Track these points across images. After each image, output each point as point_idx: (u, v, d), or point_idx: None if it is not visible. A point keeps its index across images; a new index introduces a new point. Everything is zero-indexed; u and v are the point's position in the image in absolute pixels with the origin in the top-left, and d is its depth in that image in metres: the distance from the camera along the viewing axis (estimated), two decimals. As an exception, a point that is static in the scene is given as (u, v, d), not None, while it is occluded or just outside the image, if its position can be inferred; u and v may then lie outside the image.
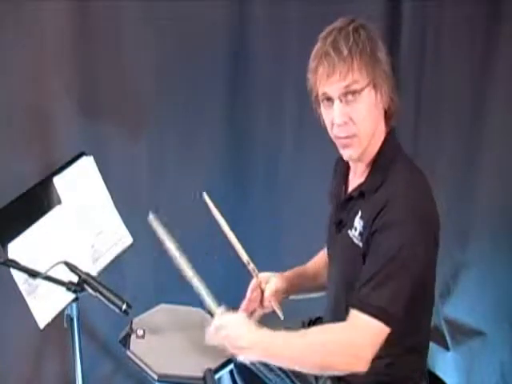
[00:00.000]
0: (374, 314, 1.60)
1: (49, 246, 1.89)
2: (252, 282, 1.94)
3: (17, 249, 1.79)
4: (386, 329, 1.61)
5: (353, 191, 1.79)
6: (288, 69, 2.59)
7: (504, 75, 2.60)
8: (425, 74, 2.66)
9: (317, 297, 2.07)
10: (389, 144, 1.75)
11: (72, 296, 1.84)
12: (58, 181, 1.98)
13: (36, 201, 1.93)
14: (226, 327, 1.69)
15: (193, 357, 1.79)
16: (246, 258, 1.96)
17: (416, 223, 1.63)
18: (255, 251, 2.01)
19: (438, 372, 2.01)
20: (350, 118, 1.68)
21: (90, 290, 1.78)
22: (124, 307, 1.75)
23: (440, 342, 2.78)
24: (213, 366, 1.75)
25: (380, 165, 1.74)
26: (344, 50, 1.63)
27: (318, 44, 1.70)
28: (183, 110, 2.65)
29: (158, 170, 2.69)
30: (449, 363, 2.79)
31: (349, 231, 1.75)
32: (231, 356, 1.74)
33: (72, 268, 1.79)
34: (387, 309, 1.60)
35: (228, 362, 1.80)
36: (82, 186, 2.06)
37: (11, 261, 1.75)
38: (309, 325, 2.03)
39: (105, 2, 2.51)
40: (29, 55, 2.47)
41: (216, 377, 1.74)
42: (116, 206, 2.15)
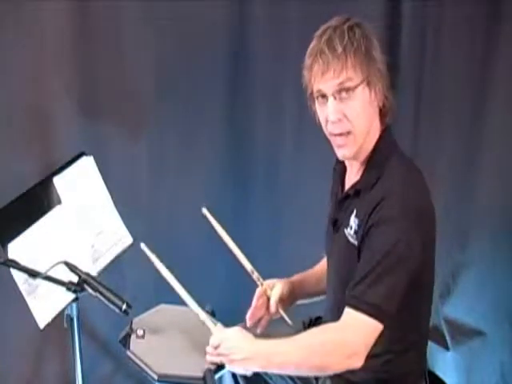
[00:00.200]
0: (369, 313, 1.61)
1: (49, 246, 1.89)
2: (257, 290, 1.94)
3: (17, 249, 1.79)
4: (380, 326, 1.61)
5: (349, 190, 1.80)
6: (288, 69, 2.59)
7: (504, 75, 2.60)
8: (425, 74, 2.66)
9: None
10: (384, 141, 1.75)
11: (72, 296, 1.84)
12: (58, 181, 1.98)
13: (36, 201, 1.93)
14: (225, 342, 1.70)
15: (193, 357, 1.79)
16: (250, 268, 1.96)
17: (412, 219, 1.64)
18: (256, 252, 2.01)
19: (438, 372, 2.01)
20: (344, 115, 1.68)
21: (90, 290, 1.78)
22: (124, 307, 1.75)
23: (440, 342, 2.78)
24: (213, 366, 1.75)
25: (375, 162, 1.74)
26: (338, 48, 1.64)
27: (314, 42, 1.71)
28: (183, 110, 2.65)
29: (158, 170, 2.69)
30: (449, 363, 2.78)
31: (345, 230, 1.76)
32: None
33: (72, 268, 1.79)
34: (382, 306, 1.61)
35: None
36: (82, 186, 2.06)
37: (11, 261, 1.75)
38: (309, 325, 2.03)
39: (105, 2, 2.52)
40: (29, 55, 2.47)
41: (216, 377, 1.74)
42: (116, 206, 2.15)
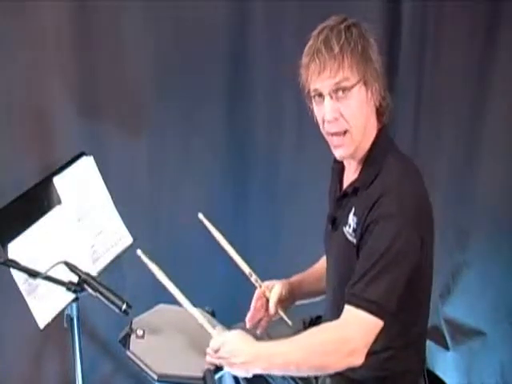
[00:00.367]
0: (369, 310, 1.61)
1: (49, 246, 1.89)
2: (256, 292, 1.95)
3: (17, 249, 1.79)
4: (381, 322, 1.62)
5: (347, 188, 1.81)
6: (288, 69, 2.58)
7: (504, 75, 2.60)
8: (424, 74, 2.66)
9: (318, 297, 2.07)
10: (381, 140, 1.76)
11: (72, 296, 1.84)
12: (58, 181, 1.98)
13: (36, 201, 1.93)
14: (225, 346, 1.69)
15: (193, 357, 1.79)
16: (249, 271, 1.96)
17: (410, 215, 1.64)
18: (256, 252, 2.02)
19: (438, 372, 2.01)
20: (341, 114, 1.69)
21: (90, 290, 1.78)
22: (124, 307, 1.75)
23: (440, 342, 2.78)
24: (212, 367, 1.74)
25: (372, 160, 1.75)
26: (335, 48, 1.65)
27: (311, 41, 1.71)
28: (183, 110, 2.65)
29: (158, 170, 2.69)
30: (449, 363, 2.79)
31: (343, 228, 1.76)
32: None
33: (72, 268, 1.79)
34: (382, 303, 1.61)
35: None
36: (82, 186, 2.06)
37: (11, 261, 1.75)
38: (309, 323, 2.03)
39: (105, 2, 2.51)
40: (29, 55, 2.47)
41: (216, 377, 1.74)
42: (116, 206, 2.15)
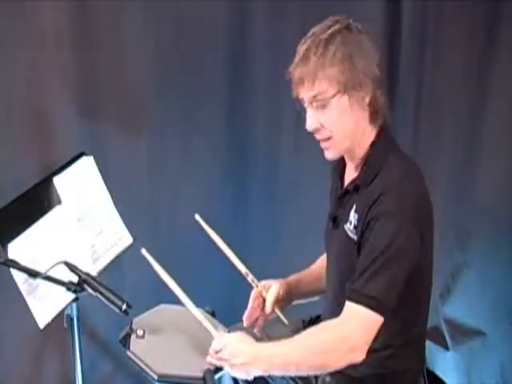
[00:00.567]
0: (370, 305, 1.61)
1: (49, 246, 1.89)
2: (253, 292, 1.95)
3: (17, 249, 1.79)
4: (381, 319, 1.62)
5: (348, 185, 1.81)
6: (288, 69, 2.58)
7: (504, 75, 2.60)
8: (425, 74, 2.66)
9: (317, 296, 2.07)
10: (381, 139, 1.76)
11: (72, 296, 1.84)
12: (58, 181, 1.98)
13: (36, 201, 1.93)
14: (226, 347, 1.70)
15: (193, 357, 1.79)
16: (245, 270, 1.97)
17: (410, 213, 1.65)
18: (255, 252, 2.01)
19: (438, 372, 2.01)
20: (321, 124, 1.71)
21: (90, 290, 1.78)
22: (124, 307, 1.75)
23: (440, 342, 2.78)
24: (212, 367, 1.74)
25: (373, 158, 1.75)
26: (311, 61, 1.66)
27: (298, 47, 1.72)
28: (183, 110, 2.65)
29: (158, 170, 2.69)
30: (449, 363, 2.79)
31: (344, 225, 1.77)
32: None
33: (72, 268, 1.79)
34: (382, 299, 1.62)
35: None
36: (82, 186, 2.06)
37: (11, 261, 1.75)
38: (309, 323, 2.03)
39: (105, 2, 2.51)
40: (29, 55, 2.47)
41: (216, 377, 1.74)
42: (116, 206, 2.15)
